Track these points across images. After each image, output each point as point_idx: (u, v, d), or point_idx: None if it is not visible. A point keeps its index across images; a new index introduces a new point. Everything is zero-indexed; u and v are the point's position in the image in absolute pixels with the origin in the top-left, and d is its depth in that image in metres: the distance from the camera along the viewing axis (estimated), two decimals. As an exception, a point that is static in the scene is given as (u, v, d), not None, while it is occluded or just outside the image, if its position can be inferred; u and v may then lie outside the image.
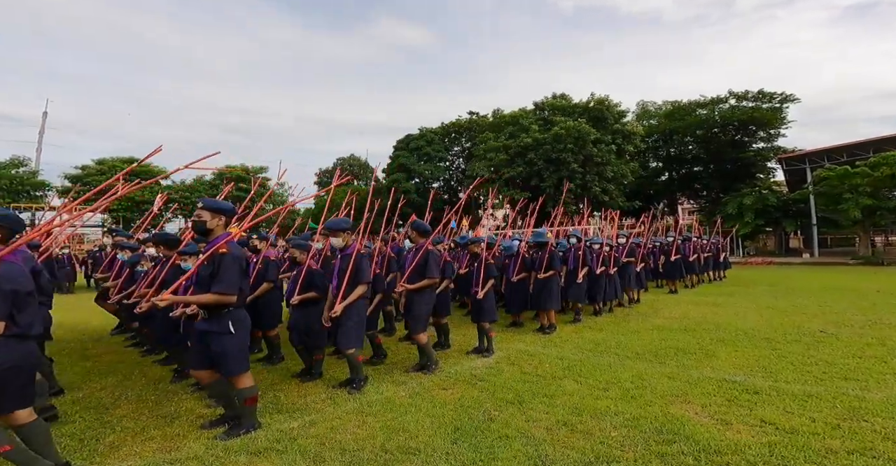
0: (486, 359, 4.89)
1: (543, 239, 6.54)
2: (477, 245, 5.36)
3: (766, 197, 25.98)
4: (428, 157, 34.87)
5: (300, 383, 4.18)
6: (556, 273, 6.36)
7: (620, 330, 6.30)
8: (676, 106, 33.21)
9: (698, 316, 7.20)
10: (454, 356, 5.11)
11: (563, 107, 27.70)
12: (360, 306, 3.90)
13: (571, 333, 6.18)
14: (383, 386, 4.07)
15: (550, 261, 6.30)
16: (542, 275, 6.28)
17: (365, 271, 3.80)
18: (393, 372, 4.52)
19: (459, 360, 4.90)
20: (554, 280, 6.38)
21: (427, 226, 4.54)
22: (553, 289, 6.32)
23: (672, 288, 10.75)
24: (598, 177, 25.71)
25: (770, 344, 5.22)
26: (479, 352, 5.13)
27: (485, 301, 5.09)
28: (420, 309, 4.39)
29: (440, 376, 4.31)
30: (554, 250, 6.49)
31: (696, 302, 8.92)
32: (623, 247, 8.51)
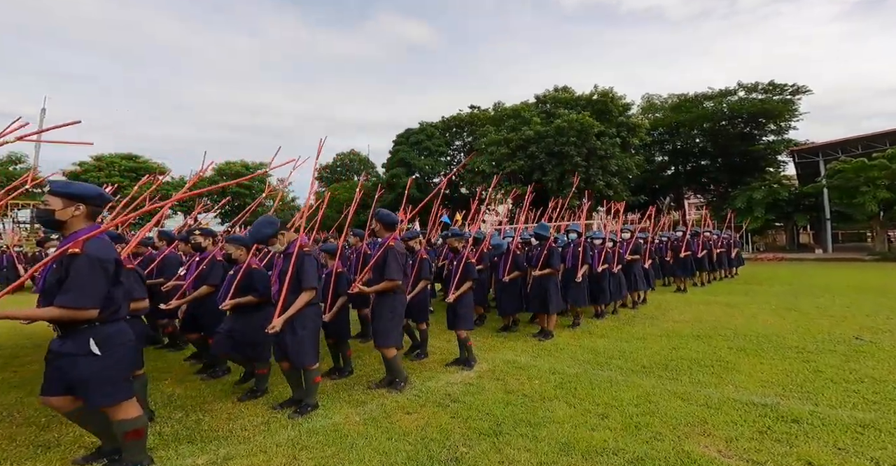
0: (466, 373, 4.18)
1: (545, 233, 5.81)
2: (458, 239, 4.63)
3: (777, 191, 25.00)
4: (428, 152, 34.16)
5: (236, 402, 3.49)
6: (554, 271, 5.63)
7: (625, 336, 5.56)
8: (683, 98, 32.23)
9: (712, 320, 6.45)
10: (431, 368, 4.40)
11: (565, 100, 26.81)
12: (308, 315, 3.19)
13: (569, 340, 5.45)
14: (336, 406, 3.38)
15: (549, 258, 5.57)
16: (539, 273, 5.55)
17: (309, 275, 3.10)
18: (354, 388, 3.82)
19: (436, 374, 4.19)
20: (552, 279, 5.65)
21: (394, 217, 3.82)
22: (552, 290, 5.59)
23: (681, 286, 9.98)
24: (602, 171, 24.86)
25: (801, 355, 4.46)
26: (459, 364, 4.42)
27: (460, 306, 4.37)
28: (384, 318, 3.68)
29: (408, 395, 3.60)
30: (554, 246, 5.75)
31: (709, 302, 8.16)
32: (627, 243, 7.75)
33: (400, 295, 3.77)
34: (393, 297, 3.72)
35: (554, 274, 5.66)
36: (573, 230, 6.36)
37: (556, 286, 5.73)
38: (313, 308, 3.25)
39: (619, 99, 26.99)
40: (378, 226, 3.75)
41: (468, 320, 4.41)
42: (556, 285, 5.73)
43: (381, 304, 3.71)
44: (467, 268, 4.34)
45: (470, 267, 4.36)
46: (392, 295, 3.71)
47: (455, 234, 4.99)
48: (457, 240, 4.53)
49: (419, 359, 4.74)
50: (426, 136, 33.98)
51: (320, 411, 3.29)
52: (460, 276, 4.33)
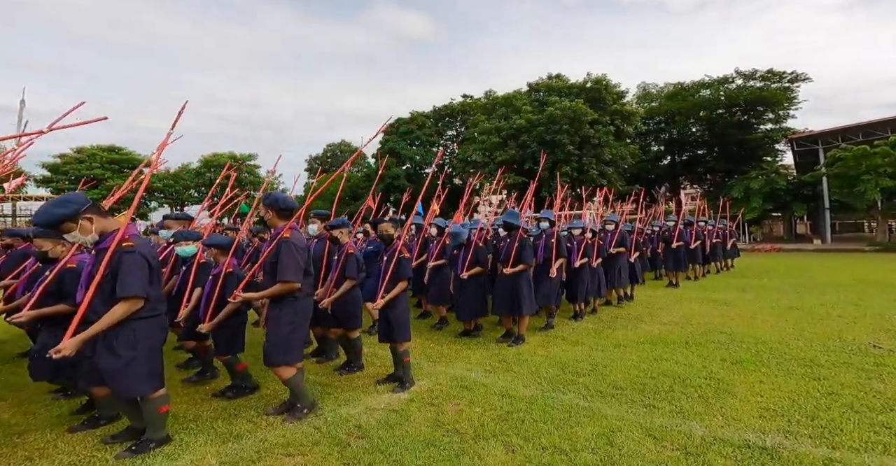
0: (397, 395, 3.37)
1: (514, 222, 4.98)
2: (393, 226, 3.77)
3: (774, 180, 24.20)
4: (419, 142, 33.20)
5: (62, 434, 2.68)
6: (527, 267, 4.82)
7: (602, 343, 4.77)
8: (679, 87, 31.29)
9: (705, 321, 5.66)
10: (358, 386, 3.60)
11: (558, 87, 25.83)
12: (140, 331, 2.35)
13: (537, 348, 4.65)
14: (197, 441, 2.58)
15: (520, 252, 4.74)
16: (510, 270, 4.73)
17: (128, 279, 2.24)
18: (241, 413, 3.02)
19: (359, 395, 3.39)
20: (524, 276, 4.84)
21: (291, 201, 2.97)
22: (524, 289, 4.78)
23: (672, 280, 9.19)
24: (596, 160, 24.04)
25: (809, 370, 3.67)
26: (393, 381, 3.62)
27: (393, 311, 3.54)
28: (280, 330, 2.86)
29: (306, 426, 2.80)
30: (526, 238, 4.92)
31: (702, 299, 7.37)
32: (612, 234, 6.93)
33: (301, 302, 2.94)
34: (292, 304, 2.89)
35: (526, 271, 4.85)
36: (544, 218, 5.53)
37: (530, 284, 4.92)
38: (147, 323, 2.39)
39: (614, 87, 26.04)
40: (269, 214, 2.90)
41: (404, 330, 3.59)
42: (529, 283, 4.92)
43: (276, 313, 2.88)
44: (400, 265, 3.51)
45: (403, 264, 3.52)
46: (291, 301, 2.88)
47: (394, 222, 4.13)
48: (391, 227, 3.68)
49: (350, 373, 3.94)
50: (416, 126, 32.98)
51: (169, 449, 2.49)
52: (391, 275, 3.50)
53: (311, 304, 3.06)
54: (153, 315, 2.39)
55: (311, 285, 3.02)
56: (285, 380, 2.94)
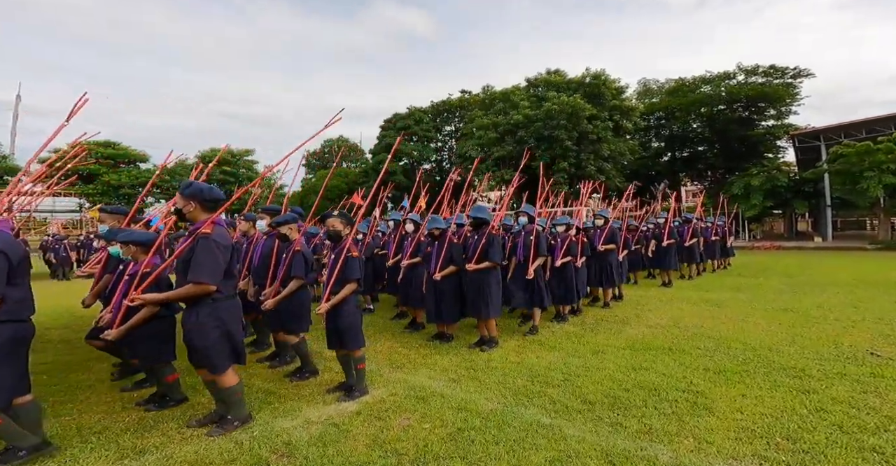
0: (344, 406, 3.09)
1: (482, 216, 4.66)
2: (342, 221, 3.45)
3: (775, 177, 23.79)
4: (417, 138, 32.85)
5: None
6: (494, 265, 4.51)
7: (581, 348, 4.46)
8: (680, 82, 30.80)
9: (694, 324, 5.35)
10: (304, 394, 3.31)
11: (557, 83, 25.39)
12: None
13: (510, 353, 4.35)
14: (95, 454, 2.42)
15: (487, 248, 4.44)
16: (473, 267, 4.43)
17: None
18: (158, 426, 2.74)
19: (301, 404, 3.10)
20: (493, 275, 4.53)
21: (217, 192, 2.66)
22: (492, 288, 4.49)
23: (665, 279, 8.88)
24: (594, 156, 23.67)
25: (798, 381, 3.35)
26: (344, 391, 3.33)
27: (340, 316, 3.24)
28: (206, 337, 2.57)
29: (224, 441, 2.51)
30: (494, 234, 4.61)
31: (694, 300, 7.06)
32: (601, 231, 6.61)
33: (223, 303, 2.64)
34: (211, 307, 2.59)
35: (493, 269, 4.54)
36: (523, 213, 5.21)
37: (498, 283, 4.62)
38: None
39: (613, 82, 25.60)
40: (191, 205, 2.59)
41: (355, 336, 3.29)
42: (498, 282, 4.61)
43: (195, 320, 2.58)
44: (347, 266, 3.19)
45: (350, 264, 3.21)
46: (209, 303, 2.58)
47: (341, 215, 3.81)
48: (340, 222, 3.36)
49: (302, 379, 3.65)
50: (414, 122, 32.63)
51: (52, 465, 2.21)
52: (337, 275, 3.18)
53: (236, 306, 2.76)
54: None
55: (233, 287, 2.73)
56: (220, 390, 2.66)
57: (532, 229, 5.04)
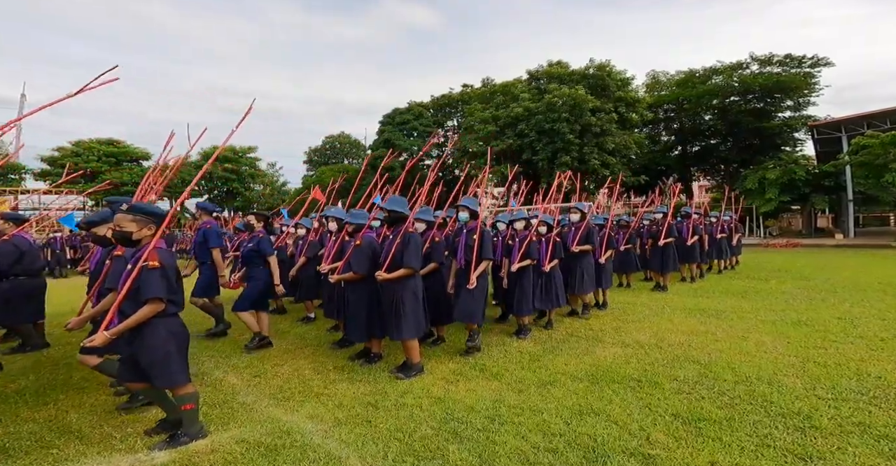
0: (149, 456, 2.24)
1: (397, 209, 3.73)
2: (127, 220, 2.56)
3: (793, 170, 22.31)
4: (417, 133, 32.05)
5: None
6: (409, 272, 3.57)
7: (528, 376, 3.54)
8: (690, 74, 29.36)
9: (680, 343, 4.37)
10: (118, 434, 2.47)
11: (559, 74, 24.28)
12: None
13: (436, 382, 3.46)
14: None
15: (402, 251, 3.54)
16: (383, 276, 3.52)
17: None
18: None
19: (92, 449, 2.27)
20: (408, 286, 3.60)
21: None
22: (403, 303, 3.57)
23: (660, 282, 7.85)
24: (598, 149, 22.54)
25: (800, 439, 2.38)
26: (169, 433, 2.47)
27: (145, 348, 2.37)
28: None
29: None
30: (412, 233, 3.69)
31: (688, 308, 6.05)
32: (575, 229, 5.65)
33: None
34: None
35: (409, 277, 3.64)
36: (463, 207, 4.30)
37: (416, 296, 3.68)
38: None
39: (618, 73, 24.38)
40: None
41: (167, 371, 2.41)
42: (416, 294, 3.67)
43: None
44: (143, 280, 2.26)
45: (148, 279, 2.29)
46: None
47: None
48: (130, 219, 2.48)
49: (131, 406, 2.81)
50: (413, 116, 31.83)
51: None
52: (126, 293, 2.29)
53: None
54: None
55: None
56: None
57: (475, 227, 4.12)
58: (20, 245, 4.22)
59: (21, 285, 4.36)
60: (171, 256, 2.40)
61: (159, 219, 2.41)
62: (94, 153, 32.66)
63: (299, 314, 6.17)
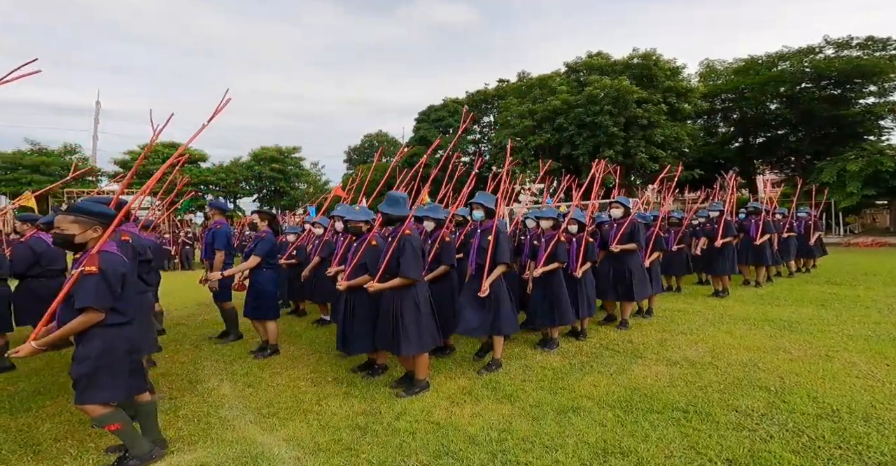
0: None
1: (391, 211, 3.30)
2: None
3: (878, 161, 19.60)
4: (452, 130, 31.75)
5: None
6: (408, 281, 3.10)
7: (547, 399, 2.99)
8: (751, 61, 26.85)
9: (742, 360, 3.61)
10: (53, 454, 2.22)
11: (600, 65, 23.00)
12: None
13: (439, 403, 3.00)
14: None
15: (398, 257, 3.09)
16: (375, 286, 3.07)
17: None
18: None
19: None
20: (407, 296, 3.13)
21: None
22: (402, 314, 3.11)
23: (718, 287, 6.89)
24: (645, 142, 21.10)
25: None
26: (117, 457, 2.19)
27: (76, 360, 2.08)
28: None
29: None
30: (408, 236, 3.22)
31: (754, 318, 5.15)
32: (617, 226, 4.96)
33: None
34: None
35: (409, 286, 3.18)
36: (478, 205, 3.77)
37: (416, 306, 3.17)
38: None
39: (666, 62, 22.72)
40: None
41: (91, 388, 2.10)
42: (416, 305, 3.16)
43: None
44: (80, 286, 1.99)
45: (85, 285, 1.98)
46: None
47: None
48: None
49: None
50: (448, 113, 31.56)
51: None
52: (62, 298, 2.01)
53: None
54: None
55: None
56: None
57: (491, 226, 3.60)
58: (36, 246, 4.24)
59: (43, 285, 4.39)
60: (118, 262, 2.12)
61: (106, 220, 2.14)
62: (159, 155, 34.85)
63: (317, 315, 5.93)
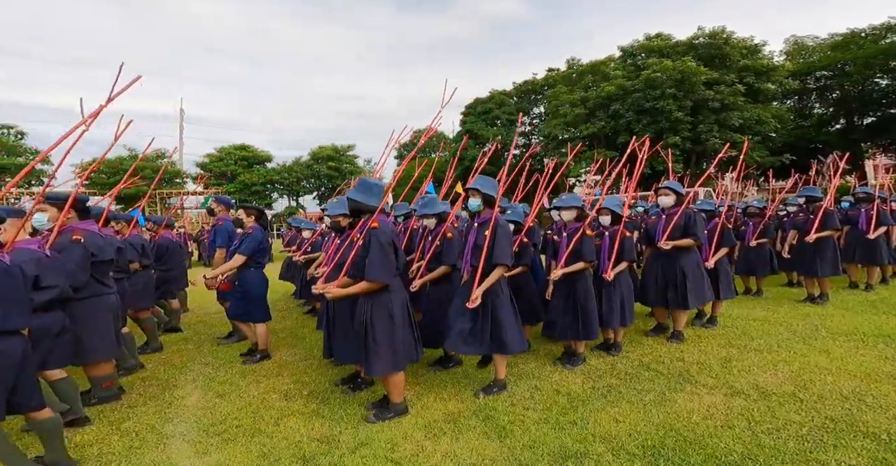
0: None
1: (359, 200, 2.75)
2: None
3: None
4: (500, 122, 30.85)
5: None
6: (368, 286, 2.53)
7: (548, 436, 2.29)
8: (852, 34, 23.06)
9: (838, 392, 2.60)
10: None
11: (660, 48, 20.92)
12: None
13: (411, 434, 2.44)
14: None
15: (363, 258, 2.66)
16: (333, 292, 2.53)
17: None
18: None
19: None
20: (376, 305, 2.58)
21: None
22: (371, 329, 2.57)
23: (815, 291, 5.48)
24: (718, 126, 18.82)
25: None
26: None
27: None
28: None
29: None
30: (375, 228, 2.62)
31: (861, 332, 3.92)
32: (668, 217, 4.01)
33: None
34: None
35: (382, 292, 2.62)
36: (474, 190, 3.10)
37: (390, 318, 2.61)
38: None
39: (741, 40, 20.15)
40: None
41: None
42: (390, 316, 2.58)
43: None
44: None
45: None
46: None
47: None
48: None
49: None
50: (496, 105, 30.69)
51: None
52: None
53: None
54: None
55: None
56: None
57: (489, 219, 2.90)
58: (135, 243, 4.31)
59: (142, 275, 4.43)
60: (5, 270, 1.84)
61: None
62: (232, 157, 37.34)
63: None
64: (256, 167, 37.77)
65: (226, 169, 35.81)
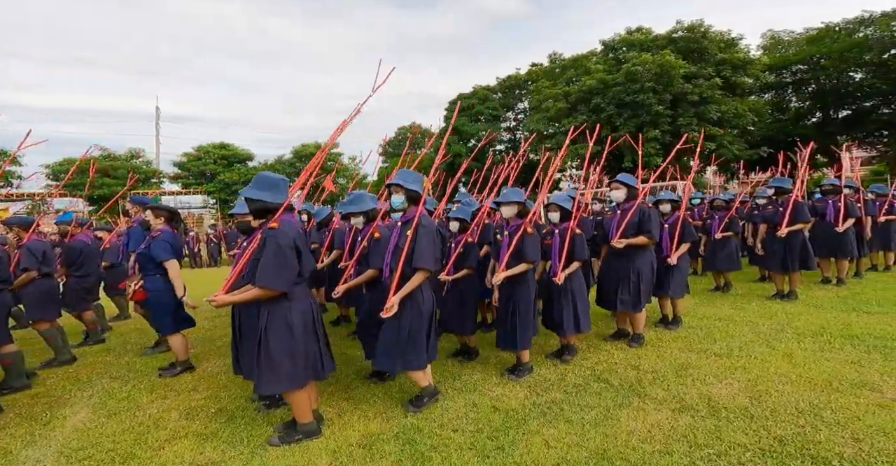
0: None
1: None
2: None
3: None
4: (483, 118, 30.54)
5: None
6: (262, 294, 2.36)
7: (476, 464, 1.98)
8: (827, 28, 23.28)
9: (797, 405, 2.36)
10: None
11: (640, 42, 20.81)
12: None
13: (318, 460, 2.09)
14: None
15: None
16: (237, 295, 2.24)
17: None
18: None
19: None
20: None
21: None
22: None
23: (785, 289, 5.30)
24: (697, 120, 18.83)
25: None
26: None
27: None
28: None
29: None
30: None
31: (827, 333, 3.71)
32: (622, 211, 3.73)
33: None
34: None
35: None
36: None
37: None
38: None
39: (718, 33, 20.13)
40: None
41: None
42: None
43: None
44: None
45: None
46: None
47: None
48: None
49: None
50: (479, 100, 30.38)
51: None
52: None
53: None
54: None
55: None
56: None
57: (412, 218, 2.57)
58: (34, 249, 3.88)
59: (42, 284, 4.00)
60: None
61: None
62: (210, 156, 36.05)
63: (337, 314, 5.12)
64: (237, 165, 36.57)
65: (204, 168, 34.55)
